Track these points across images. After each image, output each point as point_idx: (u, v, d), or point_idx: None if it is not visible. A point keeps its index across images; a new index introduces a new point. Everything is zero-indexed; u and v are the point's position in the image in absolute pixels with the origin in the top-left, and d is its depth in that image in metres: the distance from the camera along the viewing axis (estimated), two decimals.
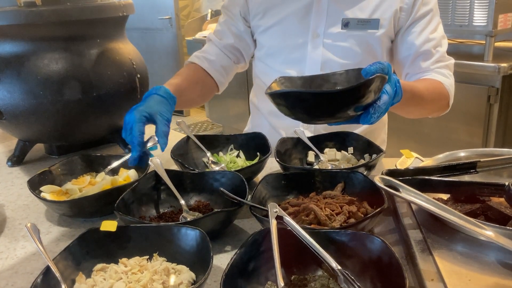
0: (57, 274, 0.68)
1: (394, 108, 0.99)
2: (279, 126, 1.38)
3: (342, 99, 0.79)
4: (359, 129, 1.33)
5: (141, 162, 0.93)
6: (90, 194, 0.95)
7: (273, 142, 1.16)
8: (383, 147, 1.45)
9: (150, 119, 0.96)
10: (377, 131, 1.43)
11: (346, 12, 1.24)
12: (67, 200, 0.97)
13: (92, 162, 1.15)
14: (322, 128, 1.31)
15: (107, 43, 1.26)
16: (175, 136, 1.49)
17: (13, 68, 1.16)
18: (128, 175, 1.07)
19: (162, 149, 0.93)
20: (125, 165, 1.13)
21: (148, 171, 1.01)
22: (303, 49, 1.28)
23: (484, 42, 2.41)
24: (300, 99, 0.82)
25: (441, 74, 1.23)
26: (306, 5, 1.25)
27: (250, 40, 1.39)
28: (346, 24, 1.24)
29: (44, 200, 0.97)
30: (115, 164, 1.13)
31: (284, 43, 1.31)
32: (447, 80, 1.23)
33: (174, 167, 1.08)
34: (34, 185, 1.01)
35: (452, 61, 1.28)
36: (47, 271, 0.69)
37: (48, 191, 1.01)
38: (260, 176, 1.11)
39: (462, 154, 0.98)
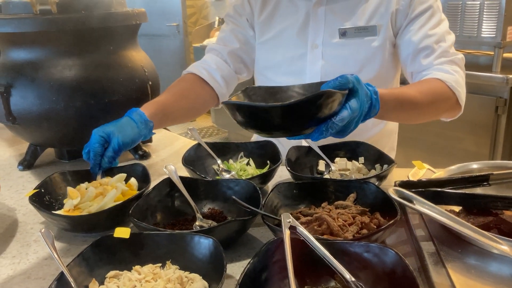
0: (71, 280, 0.68)
1: (382, 117, 0.98)
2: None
3: (285, 114, 0.77)
4: (365, 137, 1.32)
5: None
6: (107, 207, 0.94)
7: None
8: (392, 156, 1.44)
9: (107, 140, 1.04)
10: (384, 139, 1.42)
11: (342, 21, 1.24)
12: (84, 215, 0.93)
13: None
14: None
15: (120, 51, 1.27)
16: (186, 143, 1.50)
17: (27, 74, 1.18)
18: (130, 182, 1.07)
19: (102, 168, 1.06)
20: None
21: (163, 178, 1.01)
22: (303, 61, 1.28)
23: (492, 53, 2.41)
24: (248, 112, 0.79)
25: (442, 71, 1.16)
26: (304, 17, 1.26)
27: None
28: (343, 34, 1.24)
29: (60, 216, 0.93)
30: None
31: (283, 56, 1.30)
32: (450, 77, 1.14)
33: (185, 173, 1.08)
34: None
35: (459, 55, 1.20)
36: (61, 277, 0.69)
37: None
38: (270, 184, 1.12)
39: (475, 166, 0.98)
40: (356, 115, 0.83)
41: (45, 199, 1.00)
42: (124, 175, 1.08)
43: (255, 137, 1.53)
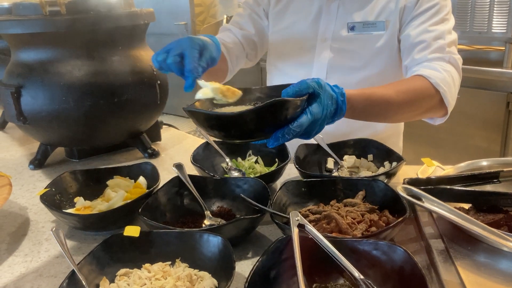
0: (82, 278, 0.69)
1: (353, 117, 0.96)
2: None
3: (240, 122, 0.76)
4: (372, 136, 1.31)
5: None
6: (116, 205, 0.95)
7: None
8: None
9: (200, 50, 0.94)
10: (392, 139, 1.41)
11: (353, 16, 1.25)
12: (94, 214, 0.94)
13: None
14: (341, 134, 1.31)
15: (129, 51, 1.28)
16: (194, 142, 1.51)
17: (37, 75, 1.19)
18: (139, 181, 1.08)
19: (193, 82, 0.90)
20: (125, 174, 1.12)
21: (172, 176, 1.01)
22: (311, 52, 1.30)
23: (503, 48, 2.39)
24: (204, 118, 0.79)
25: (430, 68, 1.11)
26: (316, 10, 1.28)
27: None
28: (352, 28, 1.25)
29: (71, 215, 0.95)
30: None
31: (293, 47, 1.33)
32: (437, 74, 1.09)
33: (194, 172, 1.09)
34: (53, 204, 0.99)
35: (456, 56, 1.16)
36: (72, 275, 0.70)
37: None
38: (278, 182, 1.12)
39: (484, 163, 0.98)
40: (319, 118, 0.82)
41: (56, 198, 1.01)
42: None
43: None
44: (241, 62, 1.40)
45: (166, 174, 1.19)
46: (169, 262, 0.77)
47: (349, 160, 1.13)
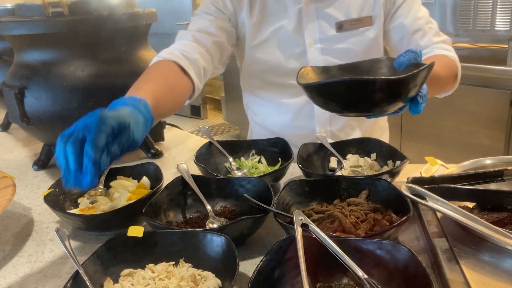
0: (86, 279, 0.69)
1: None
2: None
3: (396, 88, 0.76)
4: (357, 134, 1.35)
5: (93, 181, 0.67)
6: (120, 206, 0.95)
7: None
8: None
9: (116, 133, 0.71)
10: (377, 133, 1.43)
11: (337, 15, 1.25)
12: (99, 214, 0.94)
13: None
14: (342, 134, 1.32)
15: (131, 51, 1.28)
16: (197, 141, 1.51)
17: (41, 76, 1.19)
18: (142, 181, 1.08)
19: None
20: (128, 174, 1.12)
21: (175, 176, 1.01)
22: (304, 58, 1.28)
23: (507, 46, 2.38)
24: (349, 89, 0.76)
25: (443, 49, 1.23)
26: (296, 15, 1.25)
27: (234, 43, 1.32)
28: (340, 27, 1.26)
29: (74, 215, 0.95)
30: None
31: (281, 56, 1.28)
32: (451, 54, 1.23)
33: (197, 172, 1.09)
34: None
35: (446, 36, 1.28)
36: (76, 275, 0.70)
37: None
38: (281, 182, 1.12)
39: (488, 161, 0.97)
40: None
41: (59, 199, 1.01)
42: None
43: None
44: (208, 73, 1.23)
45: (169, 174, 1.20)
46: (173, 262, 0.77)
47: (352, 159, 1.13)
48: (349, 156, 1.14)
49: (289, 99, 1.12)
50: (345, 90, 0.78)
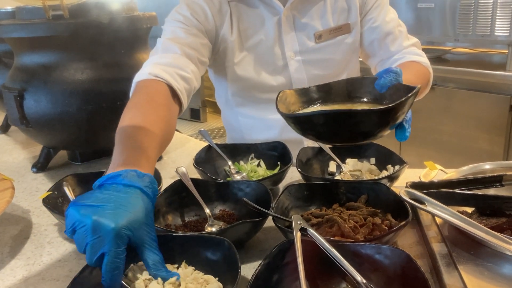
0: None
1: None
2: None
3: (384, 117, 0.74)
4: None
5: None
6: None
7: None
8: None
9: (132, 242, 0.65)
10: None
11: (315, 25, 1.25)
12: None
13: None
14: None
15: (131, 54, 1.28)
16: (196, 145, 1.51)
17: (40, 78, 1.20)
18: None
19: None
20: None
21: (174, 180, 1.01)
22: (286, 71, 1.27)
23: (506, 51, 2.38)
24: (331, 121, 0.74)
25: (414, 54, 1.24)
26: (274, 28, 1.24)
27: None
28: (319, 37, 1.26)
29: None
30: None
31: (263, 71, 1.27)
32: (423, 59, 1.23)
33: (196, 175, 1.09)
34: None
35: (416, 39, 1.29)
36: (76, 279, 0.69)
37: None
38: (280, 186, 1.12)
39: (487, 166, 0.97)
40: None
41: (58, 201, 1.01)
42: None
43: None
44: (195, 90, 1.15)
45: (168, 178, 1.20)
46: (176, 265, 0.76)
47: (351, 163, 1.13)
48: (348, 160, 1.14)
49: (277, 115, 1.00)
50: (333, 122, 0.75)
